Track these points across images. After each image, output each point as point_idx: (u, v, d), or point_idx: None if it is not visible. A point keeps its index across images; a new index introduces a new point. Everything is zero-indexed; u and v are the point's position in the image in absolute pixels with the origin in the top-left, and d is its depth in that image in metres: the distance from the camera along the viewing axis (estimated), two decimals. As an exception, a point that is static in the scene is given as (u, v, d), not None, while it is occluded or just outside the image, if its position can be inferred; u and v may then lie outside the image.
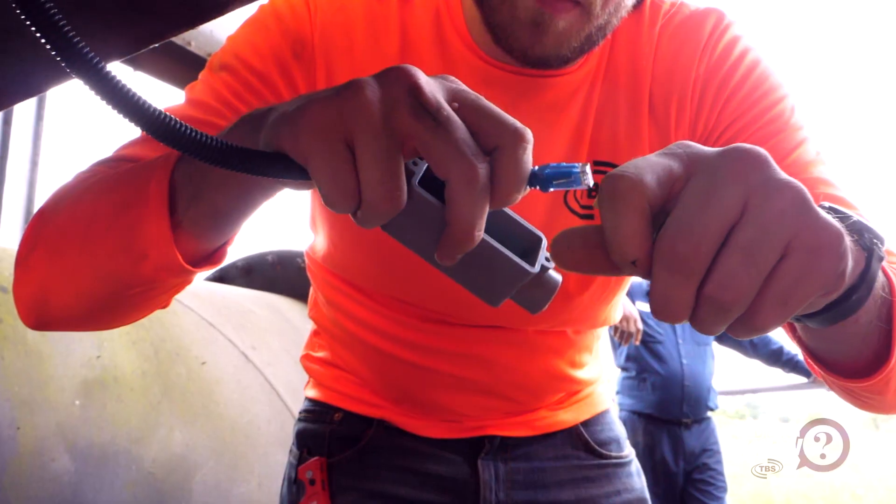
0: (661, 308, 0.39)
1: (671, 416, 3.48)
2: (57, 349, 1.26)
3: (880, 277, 0.53)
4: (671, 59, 0.81)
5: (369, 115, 0.42)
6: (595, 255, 0.42)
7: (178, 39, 1.79)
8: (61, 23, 0.35)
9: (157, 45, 0.57)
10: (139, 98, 0.38)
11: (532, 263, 0.47)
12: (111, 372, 1.31)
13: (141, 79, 2.13)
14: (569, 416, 1.02)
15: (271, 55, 0.77)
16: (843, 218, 0.46)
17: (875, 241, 0.46)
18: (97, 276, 0.62)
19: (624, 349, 3.63)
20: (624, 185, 0.39)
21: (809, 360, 0.63)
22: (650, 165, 0.40)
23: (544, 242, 0.49)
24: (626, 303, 3.22)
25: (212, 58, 0.79)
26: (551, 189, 0.44)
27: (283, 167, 0.44)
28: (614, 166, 0.81)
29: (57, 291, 0.65)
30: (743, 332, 0.39)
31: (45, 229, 0.65)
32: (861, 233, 0.46)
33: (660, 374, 3.51)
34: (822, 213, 0.38)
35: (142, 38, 0.56)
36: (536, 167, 0.45)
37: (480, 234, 0.43)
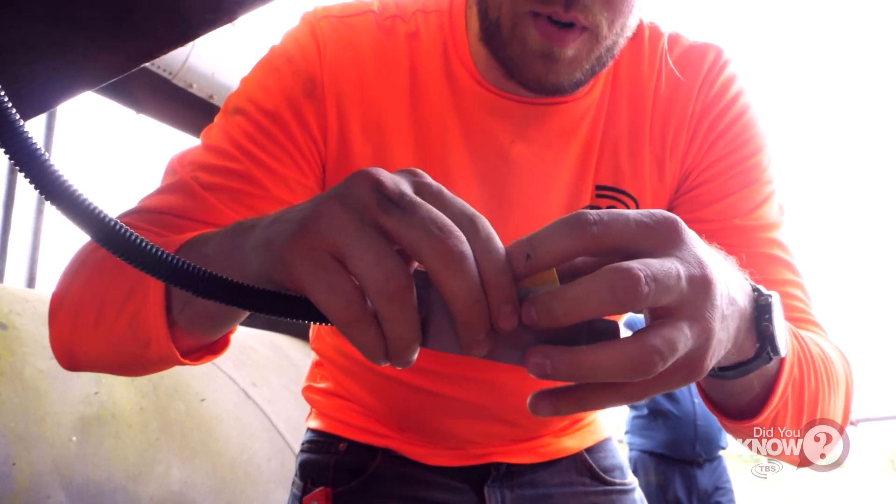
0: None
1: (684, 455, 3.42)
2: (55, 385, 1.24)
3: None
4: (671, 90, 0.82)
5: (344, 221, 0.39)
6: None
7: (180, 82, 1.82)
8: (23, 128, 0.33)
9: (147, 63, 0.58)
10: (125, 230, 0.36)
11: None
12: (109, 408, 1.29)
13: (144, 121, 2.17)
14: (573, 443, 1.02)
15: (283, 97, 0.77)
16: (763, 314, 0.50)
17: (772, 352, 0.51)
18: (111, 348, 0.63)
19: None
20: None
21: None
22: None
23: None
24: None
25: (227, 100, 0.79)
26: None
27: (287, 305, 0.41)
28: (618, 191, 0.83)
29: (81, 349, 0.66)
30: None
31: (67, 293, 0.66)
32: (764, 338, 0.50)
33: (672, 414, 3.46)
34: None
35: (132, 56, 0.57)
36: None
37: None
